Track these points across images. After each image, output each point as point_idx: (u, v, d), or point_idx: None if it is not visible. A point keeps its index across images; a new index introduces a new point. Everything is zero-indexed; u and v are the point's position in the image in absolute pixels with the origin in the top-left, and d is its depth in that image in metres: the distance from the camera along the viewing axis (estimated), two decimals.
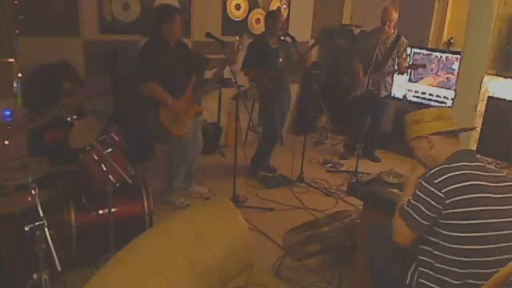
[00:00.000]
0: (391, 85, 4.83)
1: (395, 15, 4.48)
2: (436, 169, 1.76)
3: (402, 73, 4.83)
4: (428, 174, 1.77)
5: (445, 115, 1.90)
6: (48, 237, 1.94)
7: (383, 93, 4.73)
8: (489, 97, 3.17)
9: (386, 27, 4.46)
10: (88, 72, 4.15)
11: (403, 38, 4.60)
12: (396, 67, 4.65)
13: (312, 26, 5.85)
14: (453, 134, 1.89)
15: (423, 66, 4.67)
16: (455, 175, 1.72)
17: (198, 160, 3.93)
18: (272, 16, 4.20)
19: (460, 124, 1.93)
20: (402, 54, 4.63)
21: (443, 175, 1.73)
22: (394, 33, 4.59)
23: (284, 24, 4.25)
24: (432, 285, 1.79)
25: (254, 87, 4.32)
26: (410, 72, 5.05)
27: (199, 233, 1.92)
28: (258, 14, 5.25)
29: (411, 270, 1.89)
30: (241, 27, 5.09)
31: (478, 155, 1.92)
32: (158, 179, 3.80)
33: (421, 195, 1.75)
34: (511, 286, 1.62)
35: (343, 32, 5.78)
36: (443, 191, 1.70)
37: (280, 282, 2.64)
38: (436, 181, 1.72)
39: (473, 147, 2.96)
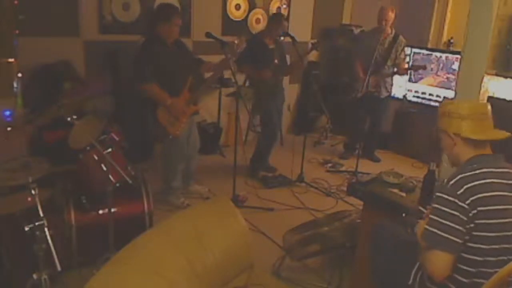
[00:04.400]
0: (391, 85, 4.82)
1: (391, 15, 4.45)
2: (455, 179, 1.65)
3: (403, 75, 4.82)
4: (449, 185, 1.64)
5: (477, 115, 1.74)
6: (48, 237, 1.94)
7: (384, 94, 4.73)
8: (489, 97, 3.16)
9: (384, 27, 4.46)
10: (88, 72, 4.15)
11: (401, 38, 4.57)
12: (395, 68, 4.64)
13: (312, 26, 5.85)
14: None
15: (424, 67, 4.65)
16: (478, 184, 1.62)
17: (196, 159, 3.92)
18: (276, 19, 4.23)
19: (490, 133, 1.77)
20: (400, 54, 4.62)
21: (465, 184, 1.62)
22: (391, 33, 4.58)
23: (285, 28, 4.25)
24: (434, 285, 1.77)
25: (248, 86, 4.32)
26: (410, 72, 5.06)
27: (199, 233, 1.92)
28: (258, 14, 5.25)
29: (414, 269, 1.86)
30: (241, 27, 5.10)
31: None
32: (158, 179, 3.80)
33: (446, 209, 1.61)
34: (511, 286, 1.62)
35: (343, 32, 5.78)
36: (467, 202, 1.59)
37: (280, 282, 2.63)
38: (458, 192, 1.60)
39: None
